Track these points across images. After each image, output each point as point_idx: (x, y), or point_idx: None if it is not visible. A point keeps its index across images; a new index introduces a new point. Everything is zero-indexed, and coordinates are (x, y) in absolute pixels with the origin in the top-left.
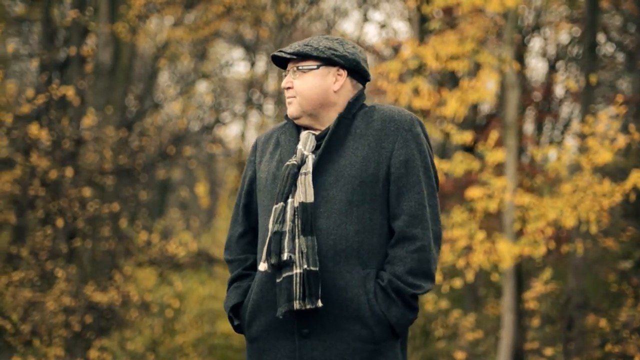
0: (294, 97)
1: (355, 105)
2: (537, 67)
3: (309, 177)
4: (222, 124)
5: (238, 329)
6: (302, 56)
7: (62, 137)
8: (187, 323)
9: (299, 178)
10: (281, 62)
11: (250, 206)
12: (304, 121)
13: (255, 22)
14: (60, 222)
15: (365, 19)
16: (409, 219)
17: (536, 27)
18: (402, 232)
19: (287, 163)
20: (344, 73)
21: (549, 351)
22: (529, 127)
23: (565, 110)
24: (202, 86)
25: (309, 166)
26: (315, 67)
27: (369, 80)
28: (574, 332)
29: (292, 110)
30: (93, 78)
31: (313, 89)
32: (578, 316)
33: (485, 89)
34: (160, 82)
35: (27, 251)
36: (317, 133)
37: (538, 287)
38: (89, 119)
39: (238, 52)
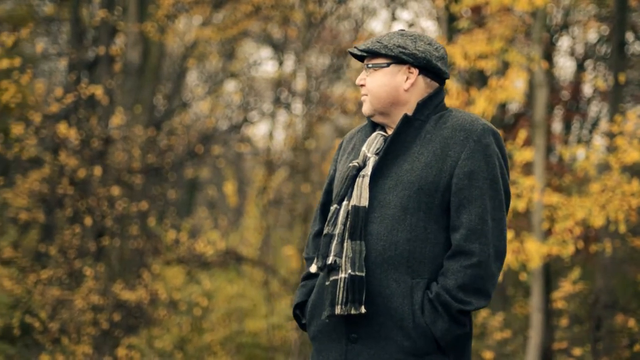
0: (366, 95)
1: (427, 106)
2: (565, 66)
3: (366, 180)
4: (250, 123)
5: (304, 327)
6: (372, 53)
7: (91, 136)
8: (215, 321)
9: (357, 180)
10: (359, 56)
11: (328, 205)
12: (377, 119)
13: (283, 22)
14: (88, 221)
15: (394, 18)
16: (468, 233)
17: (564, 26)
18: (459, 246)
19: (349, 165)
20: (415, 71)
21: (577, 351)
22: (557, 126)
23: (594, 109)
24: (230, 85)
25: (368, 169)
26: (385, 64)
27: (446, 78)
28: (602, 332)
29: (365, 108)
30: (122, 77)
31: (382, 87)
32: (606, 316)
33: (513, 88)
34: (189, 81)
35: (55, 249)
36: (386, 134)
37: (566, 286)
38: (117, 118)
39: (266, 51)
